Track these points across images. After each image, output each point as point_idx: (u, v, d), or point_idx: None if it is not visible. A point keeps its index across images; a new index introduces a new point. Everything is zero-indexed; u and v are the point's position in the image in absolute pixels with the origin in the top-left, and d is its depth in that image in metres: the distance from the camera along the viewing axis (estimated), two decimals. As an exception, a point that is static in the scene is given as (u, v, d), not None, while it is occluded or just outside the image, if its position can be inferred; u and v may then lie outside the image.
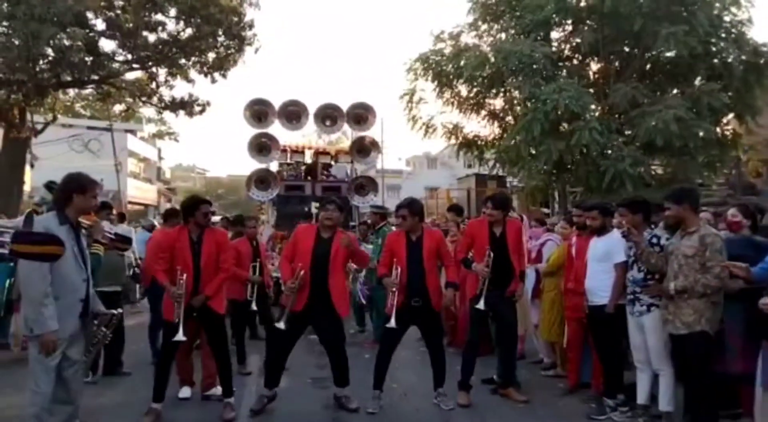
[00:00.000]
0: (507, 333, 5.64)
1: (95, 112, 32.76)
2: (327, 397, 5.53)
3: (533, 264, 6.73)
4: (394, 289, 5.17)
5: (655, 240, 4.74)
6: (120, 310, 5.46)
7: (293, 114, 12.54)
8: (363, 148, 12.96)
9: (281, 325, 5.07)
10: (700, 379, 4.32)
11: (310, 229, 5.40)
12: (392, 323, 5.13)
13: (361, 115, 12.71)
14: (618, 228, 4.89)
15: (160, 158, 48.14)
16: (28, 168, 17.90)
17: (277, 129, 12.48)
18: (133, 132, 37.95)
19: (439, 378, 5.45)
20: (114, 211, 6.41)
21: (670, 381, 4.65)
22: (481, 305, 5.26)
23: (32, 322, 3.62)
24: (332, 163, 13.62)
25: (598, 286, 5.05)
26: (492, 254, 5.31)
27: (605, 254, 5.06)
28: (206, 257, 5.02)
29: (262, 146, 12.24)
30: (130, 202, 32.61)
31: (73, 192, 3.84)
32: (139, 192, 37.53)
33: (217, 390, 5.72)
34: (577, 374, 5.70)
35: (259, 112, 12.37)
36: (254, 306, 6.74)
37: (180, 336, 4.80)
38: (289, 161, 13.31)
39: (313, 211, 11.35)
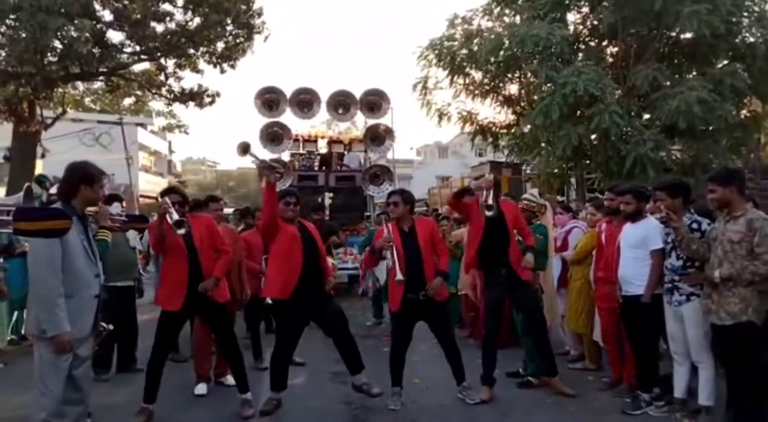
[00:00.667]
0: (531, 320, 5.38)
1: (105, 106, 32.69)
2: (346, 393, 5.32)
3: (559, 252, 6.47)
4: (390, 243, 4.95)
5: (695, 226, 4.46)
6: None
7: (305, 102, 12.30)
8: (377, 136, 12.61)
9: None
10: (746, 372, 4.05)
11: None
12: (399, 276, 4.86)
13: (374, 102, 12.49)
14: (654, 213, 4.61)
15: (171, 151, 48.06)
16: (38, 161, 17.81)
17: (288, 118, 12.27)
18: (143, 125, 37.86)
19: (458, 373, 5.22)
20: (123, 204, 6.17)
21: (710, 374, 4.40)
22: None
23: (45, 323, 3.40)
24: (345, 152, 13.37)
25: (633, 275, 4.77)
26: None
27: (640, 241, 4.77)
28: (199, 241, 4.81)
29: (273, 135, 11.98)
30: (141, 196, 32.58)
31: (81, 182, 3.63)
32: (151, 185, 37.41)
33: (227, 378, 5.62)
34: (619, 367, 5.39)
35: (270, 100, 12.14)
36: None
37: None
38: (301, 151, 13.04)
39: (327, 201, 11.15)
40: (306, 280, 4.88)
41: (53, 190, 4.38)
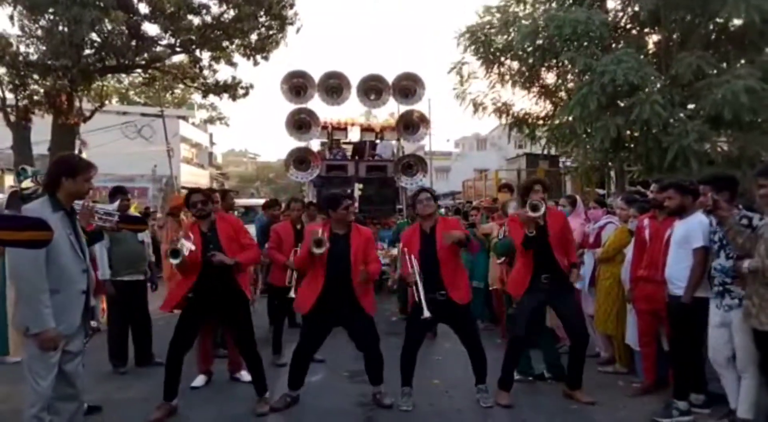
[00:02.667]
0: (572, 329, 5.10)
1: (148, 99, 33.30)
2: (362, 393, 5.16)
3: (591, 248, 6.17)
4: (413, 280, 4.77)
5: (745, 222, 4.12)
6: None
7: (334, 87, 11.78)
8: (411, 124, 12.04)
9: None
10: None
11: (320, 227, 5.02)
12: (426, 314, 4.64)
13: (408, 87, 11.84)
14: (701, 207, 4.31)
15: (212, 143, 48.74)
16: (78, 153, 18.17)
17: (317, 104, 11.77)
18: (185, 118, 38.42)
19: (479, 374, 5.00)
20: (129, 198, 6.13)
21: (753, 385, 4.10)
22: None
23: (29, 320, 3.30)
24: (377, 140, 12.75)
25: (675, 275, 4.51)
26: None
27: (683, 238, 4.50)
28: (226, 242, 4.75)
29: (301, 123, 11.49)
30: (183, 187, 33.07)
31: (61, 175, 3.50)
32: (192, 177, 37.93)
33: (242, 375, 5.56)
34: (653, 373, 5.10)
35: (297, 85, 11.60)
36: (293, 294, 6.23)
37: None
38: (331, 138, 12.59)
39: (357, 193, 10.59)
40: (330, 293, 4.75)
41: (25, 184, 4.32)
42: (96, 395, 4.98)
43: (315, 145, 12.19)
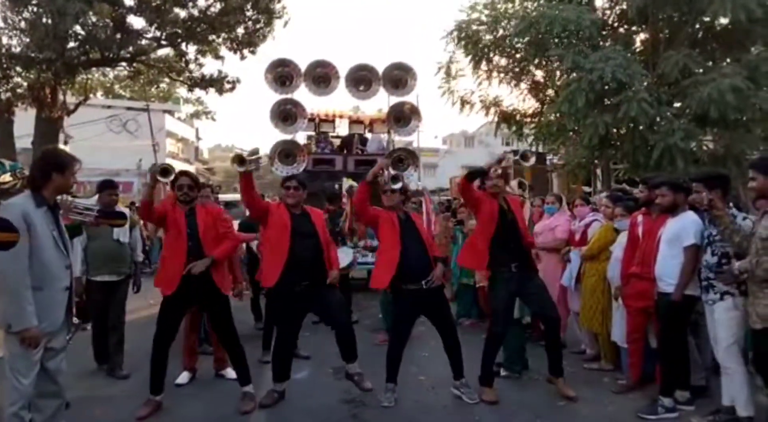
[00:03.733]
0: (545, 317, 5.08)
1: (134, 93, 32.97)
2: (347, 389, 5.11)
3: (577, 246, 6.17)
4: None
5: (740, 220, 4.18)
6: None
7: (322, 77, 11.16)
8: (402, 116, 11.34)
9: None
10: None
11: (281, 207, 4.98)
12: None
13: (399, 77, 11.24)
14: (697, 204, 4.31)
15: (198, 138, 48.41)
16: (65, 148, 17.95)
17: (303, 94, 11.16)
18: (170, 112, 38.09)
19: (456, 367, 5.00)
20: (120, 191, 5.92)
21: (741, 381, 4.13)
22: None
23: (11, 317, 3.24)
24: (366, 134, 12.26)
25: (666, 272, 4.52)
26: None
27: (675, 236, 4.50)
28: (203, 230, 4.68)
29: (286, 114, 10.82)
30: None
31: (52, 170, 3.43)
32: (178, 172, 37.69)
33: (227, 372, 5.50)
34: (640, 370, 5.09)
35: (282, 75, 10.97)
36: None
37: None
38: (318, 131, 12.09)
39: (345, 188, 9.81)
40: (295, 269, 4.69)
41: (3, 178, 4.18)
42: (80, 392, 4.92)
43: (301, 137, 11.71)
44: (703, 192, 4.17)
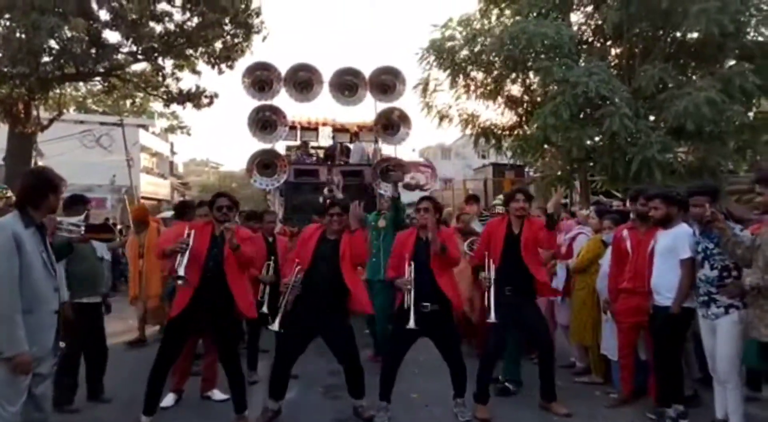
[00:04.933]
0: (539, 342, 5.11)
1: (107, 108, 32.59)
2: (339, 409, 5.06)
3: (563, 260, 6.19)
4: (408, 287, 4.64)
5: (738, 230, 4.17)
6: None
7: (304, 82, 10.41)
8: (390, 123, 10.49)
9: (275, 327, 4.63)
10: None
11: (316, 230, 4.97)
12: (411, 324, 4.54)
13: (387, 82, 10.55)
14: (695, 218, 4.31)
15: (173, 153, 47.90)
16: (39, 162, 17.63)
17: (283, 100, 10.44)
18: (145, 127, 37.69)
19: (458, 387, 4.94)
20: (91, 205, 5.66)
21: (738, 395, 4.14)
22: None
23: (1, 342, 3.10)
24: (349, 144, 11.55)
25: (663, 285, 4.51)
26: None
27: (669, 249, 4.51)
28: (227, 257, 4.59)
29: (265, 121, 10.05)
30: (143, 198, 32.38)
31: (48, 191, 3.36)
32: (152, 187, 37.26)
33: (214, 393, 5.42)
34: (631, 384, 5.09)
35: (261, 79, 10.29)
36: (265, 309, 5.82)
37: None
38: (298, 141, 11.34)
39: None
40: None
41: None
42: (62, 416, 4.78)
43: (280, 147, 10.95)
44: (705, 204, 4.13)
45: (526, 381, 5.57)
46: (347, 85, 10.64)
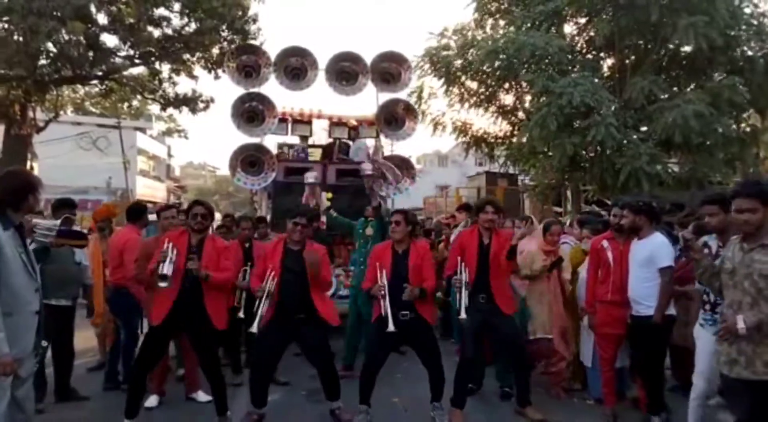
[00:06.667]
0: (512, 347, 5.17)
1: (104, 110, 32.69)
2: (320, 413, 5.17)
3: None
4: (382, 292, 4.77)
5: (707, 251, 3.88)
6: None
7: (296, 68, 9.17)
8: (394, 117, 9.26)
9: (254, 329, 4.69)
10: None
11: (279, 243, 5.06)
12: (391, 327, 4.64)
13: (391, 70, 9.34)
14: (712, 230, 4.05)
15: (170, 156, 48.03)
16: (35, 164, 17.74)
17: (273, 88, 9.28)
18: (142, 130, 37.82)
19: (436, 392, 5.04)
20: (76, 212, 5.66)
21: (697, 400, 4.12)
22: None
23: None
24: (348, 141, 9.99)
25: (642, 295, 4.54)
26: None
27: (647, 259, 4.54)
28: (206, 260, 4.67)
29: (252, 113, 8.84)
30: (138, 200, 32.50)
31: (28, 192, 3.38)
32: (149, 190, 37.37)
33: (199, 395, 5.53)
34: (614, 397, 5.09)
35: (247, 64, 9.09)
36: (241, 314, 5.67)
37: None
38: (289, 134, 9.90)
39: (324, 204, 8.19)
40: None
41: None
42: (42, 417, 4.82)
43: (269, 141, 9.55)
44: (719, 214, 3.89)
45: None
46: (345, 72, 9.41)
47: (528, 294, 5.71)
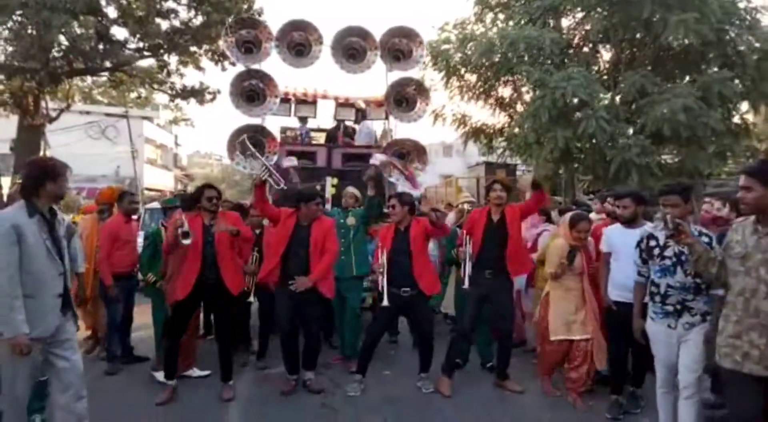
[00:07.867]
0: (503, 325, 5.58)
1: (112, 99, 33.14)
2: (317, 381, 5.60)
3: (530, 252, 6.73)
4: (381, 270, 5.28)
5: (706, 240, 3.72)
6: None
7: (300, 43, 8.48)
8: (405, 97, 8.62)
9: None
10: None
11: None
12: (385, 302, 5.22)
13: (402, 46, 8.63)
14: (658, 222, 3.89)
15: (177, 144, 48.51)
16: (47, 153, 18.23)
17: (275, 66, 9.31)
18: (149, 119, 38.26)
19: (424, 364, 5.55)
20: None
21: (697, 404, 3.83)
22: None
23: (2, 324, 3.40)
24: (354, 125, 9.54)
25: (628, 283, 4.46)
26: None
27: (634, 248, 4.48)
28: (218, 235, 5.22)
29: (251, 91, 8.25)
30: (146, 189, 33.00)
31: (45, 179, 3.56)
32: (156, 178, 37.90)
33: (194, 371, 5.96)
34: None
35: (247, 39, 8.32)
36: (252, 298, 6.17)
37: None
38: (292, 115, 9.31)
39: (329, 190, 7.93)
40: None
41: None
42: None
43: (271, 124, 8.87)
44: (680, 205, 3.85)
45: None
46: (353, 48, 8.65)
47: (552, 290, 5.43)
